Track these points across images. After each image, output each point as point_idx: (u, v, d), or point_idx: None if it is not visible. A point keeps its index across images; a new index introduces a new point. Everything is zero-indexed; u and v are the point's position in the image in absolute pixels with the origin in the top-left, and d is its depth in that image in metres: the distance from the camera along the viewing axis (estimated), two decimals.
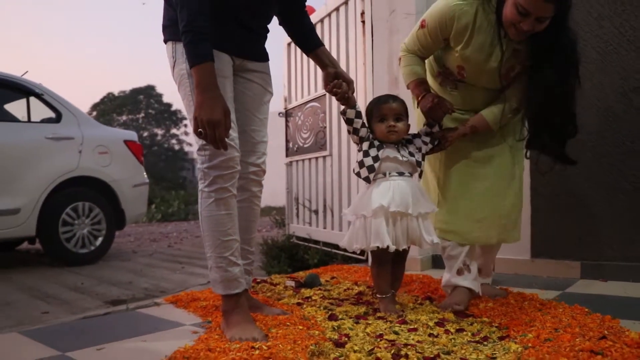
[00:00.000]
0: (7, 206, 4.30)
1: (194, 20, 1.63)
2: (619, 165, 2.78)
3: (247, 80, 1.99)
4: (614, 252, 2.80)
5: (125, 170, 5.16)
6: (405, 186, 2.05)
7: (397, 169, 2.09)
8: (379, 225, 2.00)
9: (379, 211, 2.01)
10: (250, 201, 2.07)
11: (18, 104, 4.96)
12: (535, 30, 1.91)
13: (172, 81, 1.86)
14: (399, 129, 2.10)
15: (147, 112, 52.50)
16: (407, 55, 2.24)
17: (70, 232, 4.74)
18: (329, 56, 2.14)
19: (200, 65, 1.64)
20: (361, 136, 2.14)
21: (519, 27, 1.91)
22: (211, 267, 1.83)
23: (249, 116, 2.01)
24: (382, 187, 2.06)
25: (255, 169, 2.04)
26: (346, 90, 2.06)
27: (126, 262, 5.03)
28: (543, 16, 1.87)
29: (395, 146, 2.13)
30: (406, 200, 2.02)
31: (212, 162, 1.76)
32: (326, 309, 2.12)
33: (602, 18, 2.82)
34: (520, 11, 1.87)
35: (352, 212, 2.13)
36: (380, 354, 1.52)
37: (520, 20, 1.89)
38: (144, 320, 2.14)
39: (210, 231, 1.80)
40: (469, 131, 2.17)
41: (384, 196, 2.02)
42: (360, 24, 3.66)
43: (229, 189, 1.78)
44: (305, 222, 4.60)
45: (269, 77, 2.09)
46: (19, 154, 4.42)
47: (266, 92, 2.06)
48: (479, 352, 1.57)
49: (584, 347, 1.49)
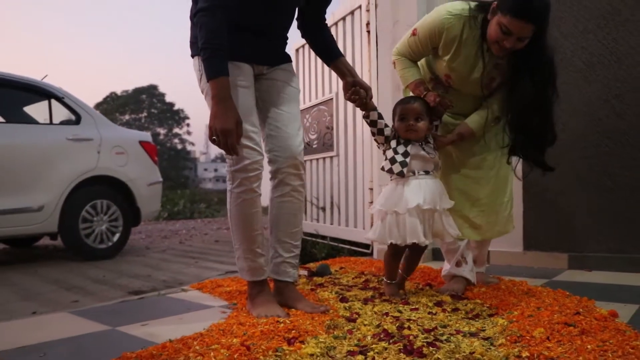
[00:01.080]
0: (32, 204, 4.54)
1: (211, 38, 1.82)
2: (602, 165, 3.05)
3: (269, 79, 2.13)
4: (598, 245, 3.06)
5: (140, 170, 5.38)
6: (433, 185, 2.22)
7: (423, 167, 2.24)
8: (415, 223, 2.15)
9: (414, 210, 2.16)
10: (291, 195, 2.12)
11: (36, 106, 5.21)
12: (516, 47, 2.08)
13: (175, 80, 2.24)
14: (418, 128, 2.23)
15: (150, 112, 52.75)
16: (401, 58, 2.43)
17: (90, 228, 4.97)
18: (348, 66, 2.27)
19: (216, 80, 1.82)
20: (386, 135, 2.28)
21: (501, 44, 2.08)
22: (239, 257, 2.05)
23: (277, 112, 2.11)
24: (413, 185, 2.20)
25: (292, 162, 2.08)
26: (364, 97, 2.20)
27: (141, 257, 5.26)
28: (524, 36, 2.04)
29: (419, 144, 2.26)
30: (435, 198, 2.19)
31: (238, 165, 1.95)
32: (337, 294, 2.38)
33: (587, 32, 3.09)
34: (504, 30, 2.04)
35: (384, 207, 2.23)
36: (387, 326, 1.79)
37: (503, 38, 2.06)
38: (176, 303, 2.40)
39: (238, 227, 2.02)
40: (456, 138, 2.36)
41: (418, 195, 2.16)
42: (366, 33, 3.92)
43: (254, 189, 1.98)
44: (313, 218, 4.87)
45: (292, 74, 2.21)
46: (42, 155, 4.65)
47: (289, 87, 2.16)
48: (471, 325, 1.84)
49: (560, 321, 1.76)
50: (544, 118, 2.22)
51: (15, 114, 5.17)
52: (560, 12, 3.10)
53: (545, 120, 2.22)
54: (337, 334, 1.70)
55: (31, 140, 4.66)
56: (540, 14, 2.03)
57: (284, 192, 2.11)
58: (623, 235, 3.01)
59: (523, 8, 1.98)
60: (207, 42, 1.82)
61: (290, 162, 2.08)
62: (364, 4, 3.98)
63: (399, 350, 1.53)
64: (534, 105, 2.18)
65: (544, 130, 2.24)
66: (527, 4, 1.99)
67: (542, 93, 2.18)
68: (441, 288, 2.44)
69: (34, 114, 5.25)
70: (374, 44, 3.82)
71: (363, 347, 1.57)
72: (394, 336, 1.68)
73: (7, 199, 4.37)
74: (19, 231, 4.57)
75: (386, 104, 3.41)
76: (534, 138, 2.26)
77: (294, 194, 2.12)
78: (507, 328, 1.75)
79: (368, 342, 1.62)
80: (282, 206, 2.12)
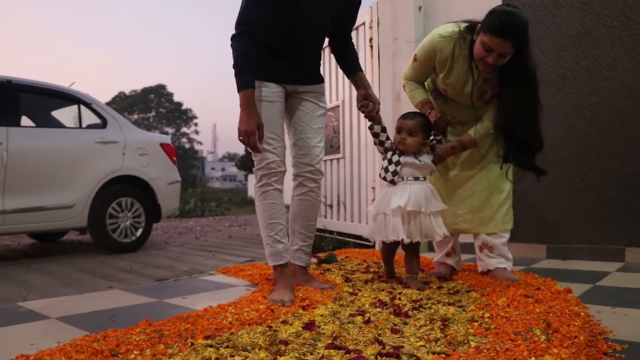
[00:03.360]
0: (64, 201, 4.96)
1: (239, 59, 2.23)
2: (576, 166, 3.47)
3: (301, 99, 2.48)
4: (572, 237, 3.48)
5: (161, 170, 5.79)
6: (420, 189, 2.46)
7: (413, 174, 2.49)
8: (397, 222, 2.43)
9: (397, 211, 2.43)
10: (307, 195, 2.52)
11: (62, 111, 5.65)
12: (499, 63, 2.31)
13: (183, 80, 2.55)
14: (407, 142, 2.49)
15: (158, 111, 53.25)
16: (409, 82, 2.76)
17: (115, 223, 5.37)
18: (364, 80, 2.60)
19: (242, 91, 2.21)
20: (386, 147, 2.56)
21: (485, 61, 2.31)
22: (264, 245, 2.44)
23: (304, 127, 2.48)
24: (400, 189, 2.47)
25: (310, 169, 2.48)
26: (372, 109, 2.49)
27: (162, 251, 5.68)
28: (504, 52, 2.26)
29: (413, 154, 2.52)
30: (420, 201, 2.43)
31: (259, 165, 2.38)
32: (342, 276, 2.81)
33: (562, 49, 3.51)
34: (486, 48, 2.27)
35: (375, 209, 2.56)
36: (382, 297, 2.23)
37: (486, 55, 2.29)
38: (207, 283, 2.84)
39: (261, 217, 2.43)
40: (456, 144, 2.60)
41: (402, 198, 2.43)
42: (369, 48, 4.35)
43: (272, 184, 2.37)
44: (321, 215, 5.30)
45: (322, 95, 2.55)
46: (73, 156, 5.07)
47: (318, 107, 2.52)
48: (451, 297, 2.26)
49: (521, 294, 2.19)
50: (529, 127, 2.43)
51: (45, 119, 5.61)
52: (539, 32, 3.52)
53: (530, 128, 2.44)
54: (341, 303, 2.14)
55: (64, 143, 5.08)
56: (517, 32, 2.24)
57: (302, 192, 2.53)
58: (593, 228, 3.42)
59: (501, 27, 2.23)
60: (236, 62, 2.24)
61: (309, 169, 2.49)
62: (367, 21, 4.40)
63: (390, 313, 1.97)
64: (519, 115, 2.41)
65: (530, 138, 2.46)
66: (504, 23, 2.23)
67: (526, 104, 2.41)
68: (431, 272, 2.86)
69: (61, 118, 5.68)
70: (377, 58, 4.25)
71: (362, 311, 2.01)
72: (387, 304, 2.11)
73: (44, 197, 4.81)
74: (54, 226, 5.01)
75: (386, 112, 3.81)
76: (522, 145, 2.47)
77: (310, 194, 2.53)
78: (479, 299, 2.18)
79: (366, 308, 2.06)
80: (300, 203, 2.55)
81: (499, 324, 1.76)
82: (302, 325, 1.77)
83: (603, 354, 1.48)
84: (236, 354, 1.49)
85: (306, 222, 2.58)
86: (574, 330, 1.66)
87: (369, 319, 1.89)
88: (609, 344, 1.56)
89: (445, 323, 1.83)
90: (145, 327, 1.76)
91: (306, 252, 2.60)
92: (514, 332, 1.65)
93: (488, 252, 2.72)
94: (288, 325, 1.80)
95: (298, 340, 1.62)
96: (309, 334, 1.68)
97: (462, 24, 2.49)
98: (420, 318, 1.90)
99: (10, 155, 4.63)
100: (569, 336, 1.58)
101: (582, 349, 1.47)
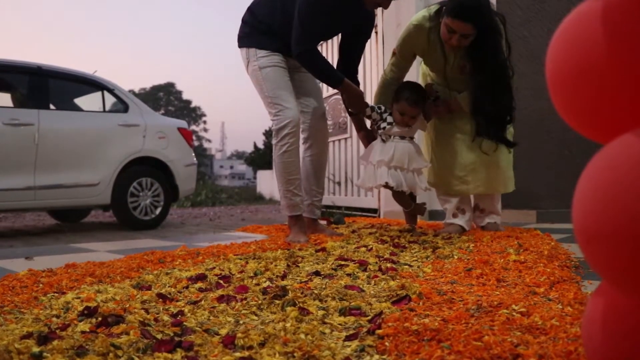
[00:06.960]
0: (89, 180, 5.33)
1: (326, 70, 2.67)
2: (562, 138, 3.78)
3: (303, 73, 2.86)
4: (560, 202, 3.80)
5: (178, 152, 6.12)
6: (403, 147, 2.67)
7: (400, 134, 2.69)
8: (383, 171, 2.66)
9: (381, 162, 2.65)
10: (317, 155, 2.90)
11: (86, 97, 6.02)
12: (462, 44, 2.46)
13: (192, 78, 2.92)
14: (411, 123, 2.70)
15: (167, 109, 53.82)
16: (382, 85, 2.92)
17: (136, 202, 5.70)
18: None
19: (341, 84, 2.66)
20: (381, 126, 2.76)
21: (449, 42, 2.47)
22: (281, 197, 2.76)
23: (307, 96, 2.90)
24: (388, 146, 2.68)
25: (319, 112, 2.88)
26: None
27: (180, 229, 6.00)
28: (466, 33, 2.40)
29: None
30: (403, 158, 2.65)
31: (279, 124, 2.65)
32: (350, 230, 3.15)
33: (551, 32, 3.76)
34: (449, 30, 2.42)
35: (364, 159, 2.82)
36: (384, 238, 2.56)
37: (450, 37, 2.44)
38: (229, 236, 3.21)
39: (279, 172, 2.74)
40: (443, 106, 2.80)
41: (387, 154, 2.66)
42: (374, 34, 4.68)
43: (291, 142, 2.66)
44: (329, 192, 5.64)
45: None
46: (99, 138, 5.45)
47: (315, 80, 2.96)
48: (445, 242, 2.59)
49: (504, 235, 2.52)
50: (500, 102, 2.58)
51: (71, 103, 5.98)
52: (528, 16, 3.84)
53: (498, 105, 2.58)
54: (348, 241, 2.48)
55: (89, 125, 5.46)
56: (475, 13, 2.36)
57: (313, 153, 2.88)
58: None
59: (460, 9, 2.36)
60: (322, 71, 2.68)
61: (318, 113, 2.88)
62: None
63: (390, 246, 2.31)
64: (488, 92, 2.56)
65: (499, 113, 2.61)
66: (464, 5, 2.35)
67: (494, 82, 2.55)
68: (438, 231, 3.00)
69: (82, 104, 6.06)
70: (381, 43, 4.58)
71: (365, 245, 2.35)
72: (387, 242, 2.45)
73: (72, 174, 5.18)
74: (80, 202, 5.37)
75: None
76: (491, 119, 2.62)
77: (319, 153, 2.88)
78: (467, 240, 2.51)
79: (369, 243, 2.40)
80: (310, 163, 2.89)
81: (480, 249, 2.10)
82: (315, 249, 2.12)
83: (563, 264, 1.81)
84: (262, 262, 1.84)
85: (317, 180, 2.90)
86: (542, 249, 1.99)
87: (371, 248, 2.23)
88: (569, 257, 1.89)
89: (435, 250, 2.16)
90: (184, 249, 2.11)
91: (318, 207, 2.94)
92: (492, 252, 1.98)
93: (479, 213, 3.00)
94: (304, 251, 2.14)
95: (312, 258, 1.96)
96: (321, 253, 2.02)
97: (432, 8, 2.62)
98: (415, 248, 2.24)
99: (40, 135, 5.00)
100: (535, 250, 1.92)
101: (544, 257, 1.81)
